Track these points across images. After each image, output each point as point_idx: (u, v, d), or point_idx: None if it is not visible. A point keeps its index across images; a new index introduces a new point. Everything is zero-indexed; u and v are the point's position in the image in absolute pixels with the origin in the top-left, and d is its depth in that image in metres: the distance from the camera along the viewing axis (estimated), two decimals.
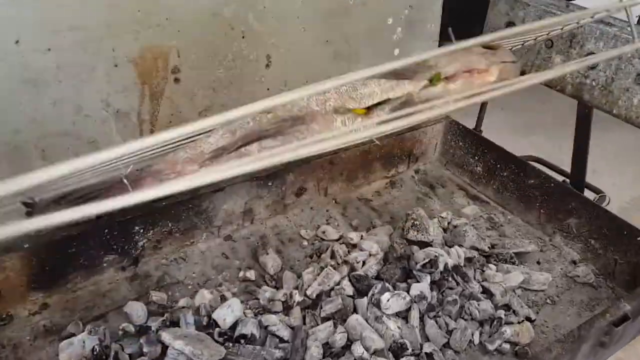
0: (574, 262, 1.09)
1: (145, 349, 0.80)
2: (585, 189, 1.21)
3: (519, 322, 0.93)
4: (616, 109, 0.98)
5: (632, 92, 0.95)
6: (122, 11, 0.84)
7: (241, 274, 0.98)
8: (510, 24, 1.11)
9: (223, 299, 0.90)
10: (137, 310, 0.87)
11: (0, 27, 0.76)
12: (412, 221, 1.08)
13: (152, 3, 0.86)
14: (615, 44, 0.96)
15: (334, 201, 1.21)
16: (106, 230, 0.92)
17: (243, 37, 0.99)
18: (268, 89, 1.07)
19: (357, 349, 0.83)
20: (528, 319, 0.94)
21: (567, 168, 1.38)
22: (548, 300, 1.00)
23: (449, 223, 1.14)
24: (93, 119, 0.89)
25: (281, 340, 0.84)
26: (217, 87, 1.00)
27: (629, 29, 0.95)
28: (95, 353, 0.78)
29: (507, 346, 0.89)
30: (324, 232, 1.09)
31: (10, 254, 0.84)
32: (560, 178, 1.22)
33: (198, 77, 0.97)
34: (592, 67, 0.99)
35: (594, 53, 1.00)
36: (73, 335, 0.82)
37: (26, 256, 0.86)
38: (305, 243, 1.08)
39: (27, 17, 0.77)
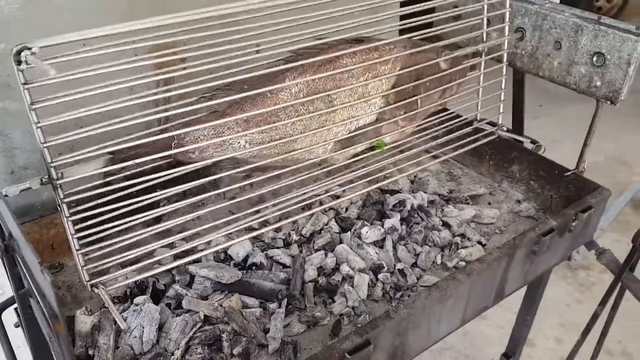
0: (519, 201, 1.32)
1: (177, 277, 1.01)
2: (527, 141, 1.44)
3: (472, 246, 1.16)
4: (541, 72, 1.22)
5: (552, 56, 1.19)
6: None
7: (247, 224, 1.19)
8: None
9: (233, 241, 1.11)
10: (165, 254, 1.08)
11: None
12: (384, 174, 1.31)
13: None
14: (537, 19, 1.19)
15: (319, 165, 1.43)
16: (134, 192, 1.12)
17: None
18: None
19: (344, 268, 1.05)
20: (480, 242, 1.17)
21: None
22: (497, 230, 1.23)
23: (415, 176, 1.36)
24: None
25: (284, 266, 1.05)
26: None
27: (546, 5, 1.19)
28: (137, 283, 0.99)
29: (462, 263, 1.12)
30: (312, 189, 1.31)
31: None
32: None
33: None
34: (520, 39, 1.23)
35: (523, 28, 1.23)
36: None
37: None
38: (297, 198, 1.29)
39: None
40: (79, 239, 0.82)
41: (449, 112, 1.24)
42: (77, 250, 0.81)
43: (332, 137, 1.04)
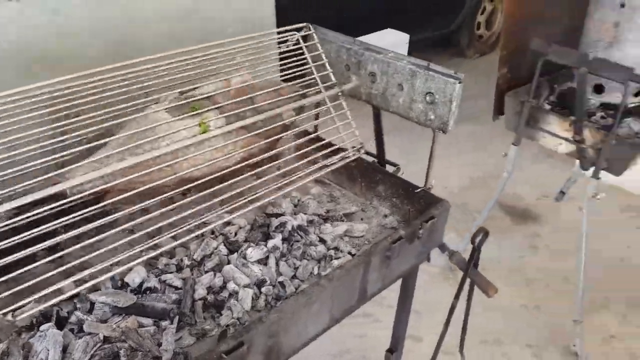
0: (385, 216, 1.55)
1: (78, 305, 1.13)
2: (387, 165, 1.69)
3: (343, 257, 1.36)
4: (391, 108, 1.47)
5: (397, 95, 1.44)
6: None
7: (143, 253, 1.33)
8: None
9: (130, 270, 1.25)
10: (68, 285, 1.19)
11: None
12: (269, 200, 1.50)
13: None
14: (383, 66, 1.44)
15: (213, 196, 1.59)
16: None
17: None
18: None
19: (231, 285, 1.21)
20: (350, 253, 1.38)
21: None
22: (366, 242, 1.45)
23: (298, 200, 1.56)
24: None
25: (176, 288, 1.20)
26: None
27: (390, 54, 1.44)
28: (42, 312, 1.10)
29: (337, 271, 1.32)
30: (205, 218, 1.47)
31: None
32: (371, 159, 1.70)
33: None
34: (373, 81, 1.47)
35: (374, 72, 1.47)
36: (23, 306, 1.13)
37: None
38: (192, 227, 1.44)
39: None
40: None
41: (323, 141, 1.45)
42: None
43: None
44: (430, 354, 1.68)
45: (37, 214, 1.00)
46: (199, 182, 1.22)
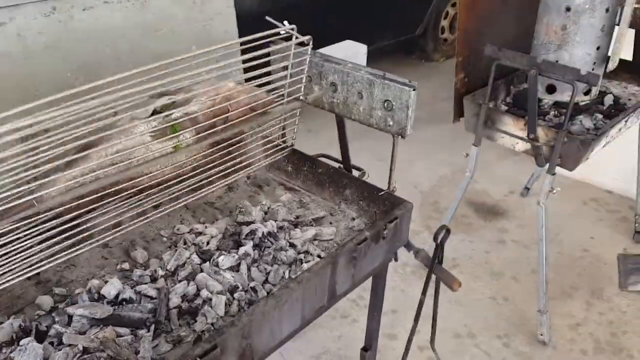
0: (353, 219, 1.62)
1: (57, 319, 1.17)
2: (354, 169, 1.76)
3: (313, 260, 1.43)
4: (353, 116, 1.54)
5: (358, 104, 1.51)
6: None
7: (118, 266, 1.37)
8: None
9: (106, 283, 1.29)
10: (45, 301, 1.24)
11: None
12: (239, 209, 1.56)
13: None
14: (343, 76, 1.51)
15: (185, 207, 1.64)
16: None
17: None
18: None
19: (204, 292, 1.27)
20: (319, 256, 1.44)
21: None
22: (335, 245, 1.52)
23: (268, 207, 1.62)
24: None
25: (151, 298, 1.25)
26: None
27: (349, 65, 1.51)
28: (22, 327, 1.14)
29: (305, 274, 1.38)
30: (178, 229, 1.52)
31: None
32: (337, 165, 1.77)
33: None
34: (335, 91, 1.55)
35: (335, 82, 1.54)
36: (2, 322, 1.16)
37: None
38: (165, 239, 1.50)
39: None
40: None
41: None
42: None
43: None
44: None
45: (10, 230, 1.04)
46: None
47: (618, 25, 2.05)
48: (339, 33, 3.48)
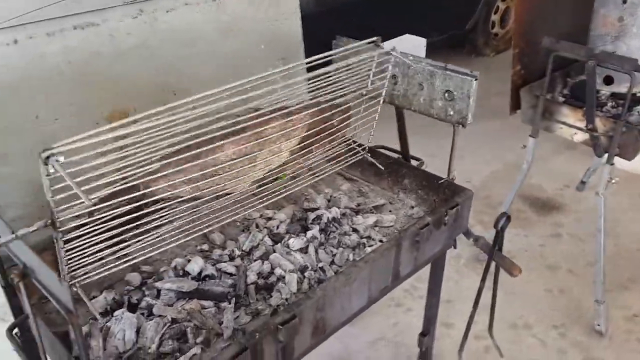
0: (412, 207, 1.69)
1: (146, 292, 1.29)
2: (412, 160, 1.82)
3: (375, 244, 1.50)
4: (413, 107, 1.61)
5: (418, 95, 1.58)
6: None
7: (198, 247, 1.49)
8: None
9: (189, 261, 1.41)
10: (134, 277, 1.36)
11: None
12: (305, 197, 1.65)
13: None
14: (404, 68, 1.58)
15: (253, 195, 1.75)
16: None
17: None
18: None
19: (278, 271, 1.36)
20: (381, 241, 1.52)
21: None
22: (395, 231, 1.59)
23: (331, 196, 1.71)
24: None
25: (230, 274, 1.36)
26: None
27: (410, 58, 1.58)
28: (115, 300, 1.27)
29: (372, 254, 1.45)
30: (249, 214, 1.62)
31: (46, 252, 1.30)
32: (396, 156, 1.83)
33: None
34: (395, 83, 1.62)
35: (396, 76, 1.62)
36: (96, 297, 1.30)
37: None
38: (238, 224, 1.61)
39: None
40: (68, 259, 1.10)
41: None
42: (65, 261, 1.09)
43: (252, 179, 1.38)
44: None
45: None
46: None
47: None
48: (391, 29, 3.53)
